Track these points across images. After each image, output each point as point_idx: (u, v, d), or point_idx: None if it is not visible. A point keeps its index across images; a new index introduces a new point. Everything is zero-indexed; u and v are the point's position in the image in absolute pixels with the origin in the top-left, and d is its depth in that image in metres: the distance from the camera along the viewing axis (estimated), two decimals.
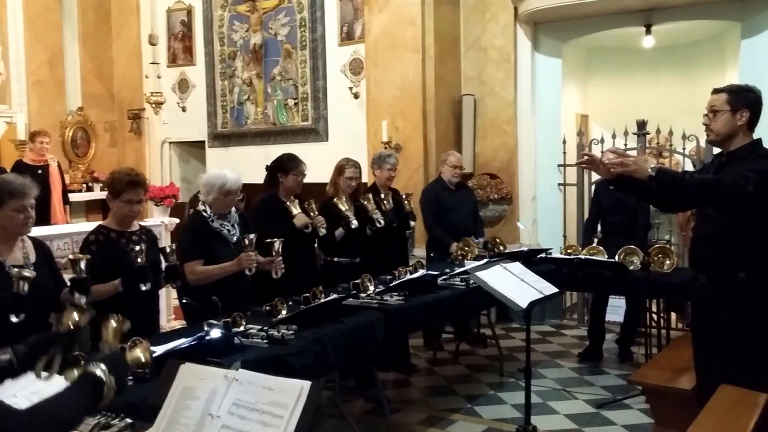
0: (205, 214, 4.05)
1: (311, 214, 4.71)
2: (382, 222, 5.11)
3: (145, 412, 2.00)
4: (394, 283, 4.32)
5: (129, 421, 2.03)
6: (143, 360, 2.42)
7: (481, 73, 7.50)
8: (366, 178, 6.90)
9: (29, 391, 2.10)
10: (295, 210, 4.59)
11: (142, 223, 3.95)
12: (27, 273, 2.97)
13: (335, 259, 5.09)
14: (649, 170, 2.91)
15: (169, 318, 6.18)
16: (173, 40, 9.55)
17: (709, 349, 3.23)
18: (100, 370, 1.70)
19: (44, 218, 6.58)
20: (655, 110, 7.21)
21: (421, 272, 4.65)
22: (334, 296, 3.85)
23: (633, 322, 5.89)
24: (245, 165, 6.90)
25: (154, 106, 8.57)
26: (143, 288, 3.46)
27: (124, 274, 3.45)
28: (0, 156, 7.98)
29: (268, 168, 4.84)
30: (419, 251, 6.11)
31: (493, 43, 7.43)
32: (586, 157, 3.10)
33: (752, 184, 2.93)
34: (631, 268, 5.09)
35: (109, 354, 1.92)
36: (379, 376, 4.56)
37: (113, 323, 2.28)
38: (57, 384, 1.87)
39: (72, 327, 2.67)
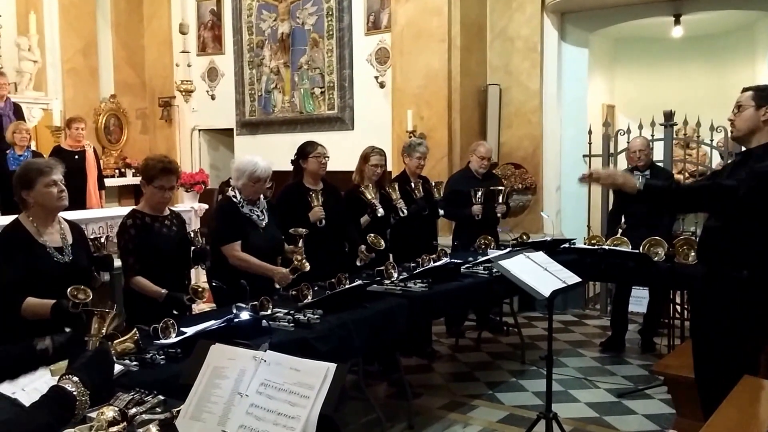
0: (234, 200, 4.16)
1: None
2: (405, 212, 5.18)
3: (176, 389, 2.06)
4: (417, 271, 4.38)
5: (161, 397, 2.10)
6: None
7: (507, 63, 7.51)
8: (391, 166, 6.97)
9: (33, 387, 2.19)
10: (316, 202, 4.67)
11: (173, 208, 4.06)
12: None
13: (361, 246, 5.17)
14: (637, 184, 2.94)
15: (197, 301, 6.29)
16: (203, 29, 9.67)
17: (703, 341, 3.26)
18: (72, 383, 1.67)
19: (80, 203, 6.73)
20: (683, 101, 7.17)
21: (444, 260, 4.71)
22: (358, 282, 3.92)
23: (656, 313, 5.90)
24: (272, 153, 6.95)
25: (184, 94, 8.70)
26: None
27: (170, 297, 3.58)
28: (37, 142, 8.15)
29: (293, 161, 4.94)
30: (443, 240, 6.16)
31: (520, 32, 7.43)
32: (585, 176, 3.16)
33: (744, 188, 2.93)
34: (656, 259, 5.08)
35: (92, 354, 1.88)
36: (402, 361, 4.62)
37: (99, 319, 2.24)
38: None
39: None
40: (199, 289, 3.54)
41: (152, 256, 3.64)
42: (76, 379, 1.67)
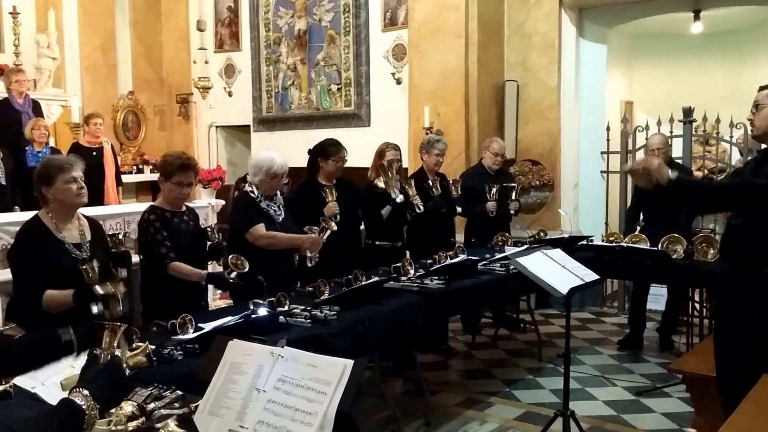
0: (252, 195, 4.19)
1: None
2: (422, 207, 5.17)
3: (194, 385, 2.07)
4: (434, 267, 4.37)
5: (180, 393, 2.10)
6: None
7: (525, 59, 7.47)
8: (407, 162, 6.96)
9: (52, 382, 2.22)
10: (330, 197, 4.67)
11: (188, 204, 4.07)
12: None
13: (377, 242, 5.18)
14: (669, 175, 2.92)
15: (214, 297, 6.33)
16: (220, 26, 9.70)
17: (726, 338, 3.23)
18: (81, 396, 1.64)
19: (97, 199, 6.78)
20: (702, 97, 7.10)
21: (461, 257, 4.70)
22: (375, 279, 3.92)
23: (674, 311, 5.86)
24: (289, 149, 6.97)
25: (201, 90, 8.74)
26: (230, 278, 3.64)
27: (211, 277, 3.68)
28: (56, 138, 8.22)
29: (310, 152, 4.93)
30: (459, 237, 6.14)
31: (537, 28, 7.38)
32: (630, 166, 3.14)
33: None
34: (674, 256, 5.04)
35: (103, 368, 1.85)
36: (418, 358, 4.62)
37: (110, 332, 2.17)
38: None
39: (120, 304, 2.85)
40: (238, 262, 3.57)
41: (174, 251, 3.66)
42: (86, 392, 1.65)
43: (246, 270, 3.60)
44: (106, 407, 1.72)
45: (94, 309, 2.77)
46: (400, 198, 5.06)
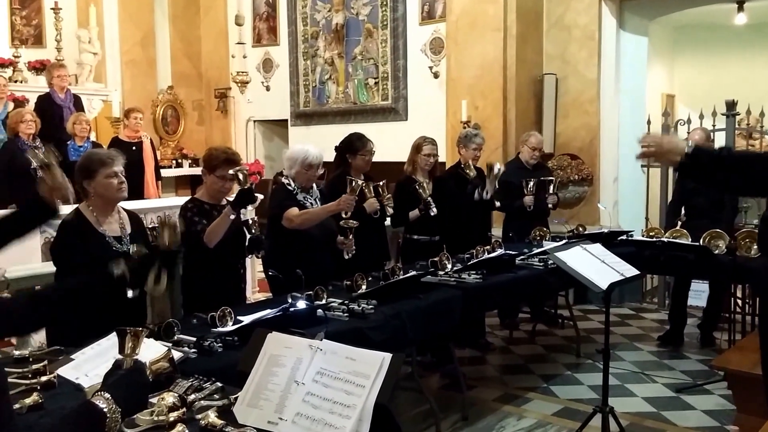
0: (289, 187, 4.22)
1: (382, 193, 4.80)
2: (435, 211, 5.05)
3: (234, 377, 2.09)
4: (472, 262, 4.36)
5: (219, 384, 2.13)
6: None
7: (564, 52, 7.37)
8: (444, 157, 6.94)
9: (95, 373, 2.24)
10: (368, 193, 4.66)
11: (229, 198, 4.11)
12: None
13: (414, 236, 5.18)
14: (686, 148, 2.75)
15: (253, 290, 6.40)
16: (258, 21, 9.76)
17: None
18: (104, 400, 1.62)
19: (137, 193, 6.89)
20: (746, 90, 6.95)
21: (499, 251, 4.67)
22: (412, 273, 3.92)
23: (716, 307, 5.75)
24: (326, 143, 6.98)
25: (239, 85, 8.81)
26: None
27: (234, 203, 3.69)
28: (97, 133, 8.36)
29: (337, 148, 4.94)
30: (497, 231, 6.11)
31: (577, 21, 7.28)
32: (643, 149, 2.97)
33: None
34: (717, 252, 4.96)
35: (126, 373, 1.84)
36: (456, 352, 4.61)
37: (133, 337, 2.05)
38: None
39: (170, 244, 2.89)
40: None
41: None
42: (108, 396, 1.63)
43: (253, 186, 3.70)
44: (128, 413, 1.71)
45: (130, 293, 2.78)
46: (434, 211, 4.99)
